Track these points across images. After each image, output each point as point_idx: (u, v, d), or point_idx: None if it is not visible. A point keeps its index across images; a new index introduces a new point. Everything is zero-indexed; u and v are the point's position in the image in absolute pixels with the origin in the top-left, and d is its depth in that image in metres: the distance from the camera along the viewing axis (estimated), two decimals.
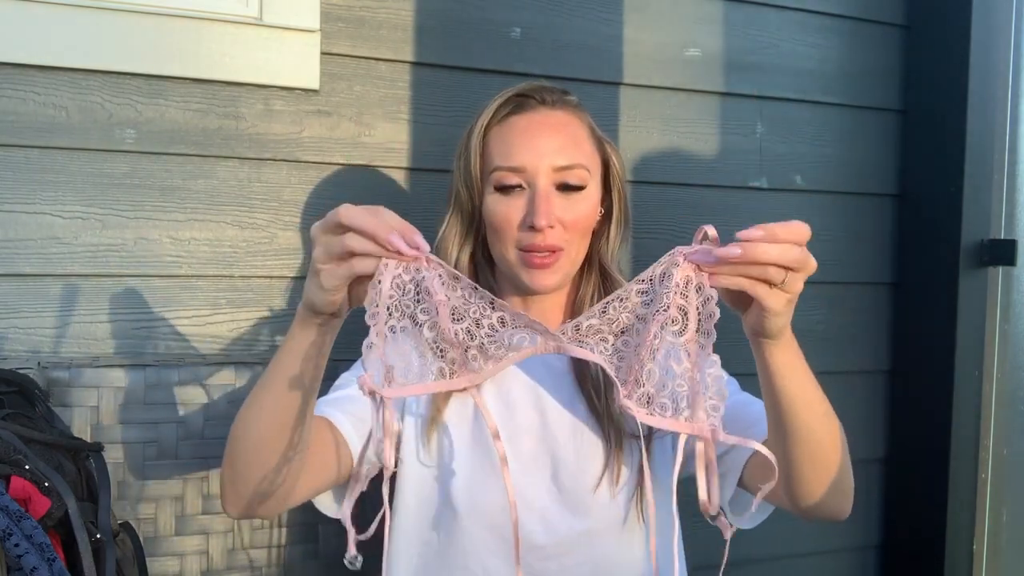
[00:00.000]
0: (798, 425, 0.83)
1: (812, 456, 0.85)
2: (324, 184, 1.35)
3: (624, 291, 0.76)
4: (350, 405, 0.98)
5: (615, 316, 0.76)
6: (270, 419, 0.84)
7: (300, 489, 0.91)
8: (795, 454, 0.85)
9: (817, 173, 1.68)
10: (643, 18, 1.54)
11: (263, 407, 0.85)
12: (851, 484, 0.91)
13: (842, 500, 0.91)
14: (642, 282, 0.76)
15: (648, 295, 0.76)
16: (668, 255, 0.75)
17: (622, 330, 0.77)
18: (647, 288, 0.76)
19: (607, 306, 0.77)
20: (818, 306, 1.68)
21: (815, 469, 0.86)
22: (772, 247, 0.72)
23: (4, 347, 1.19)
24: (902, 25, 1.72)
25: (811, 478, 0.87)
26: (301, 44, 1.30)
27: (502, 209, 1.02)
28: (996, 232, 1.64)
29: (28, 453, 0.83)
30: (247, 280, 1.31)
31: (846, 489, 0.90)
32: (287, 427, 0.84)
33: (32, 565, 0.71)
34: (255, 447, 0.85)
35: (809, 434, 0.84)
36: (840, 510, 0.92)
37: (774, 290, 0.74)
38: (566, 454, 1.03)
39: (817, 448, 0.85)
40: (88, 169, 1.23)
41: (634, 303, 0.76)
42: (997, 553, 1.67)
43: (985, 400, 1.64)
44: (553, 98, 1.05)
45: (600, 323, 0.77)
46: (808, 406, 0.83)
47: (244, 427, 0.86)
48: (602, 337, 0.77)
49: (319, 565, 1.21)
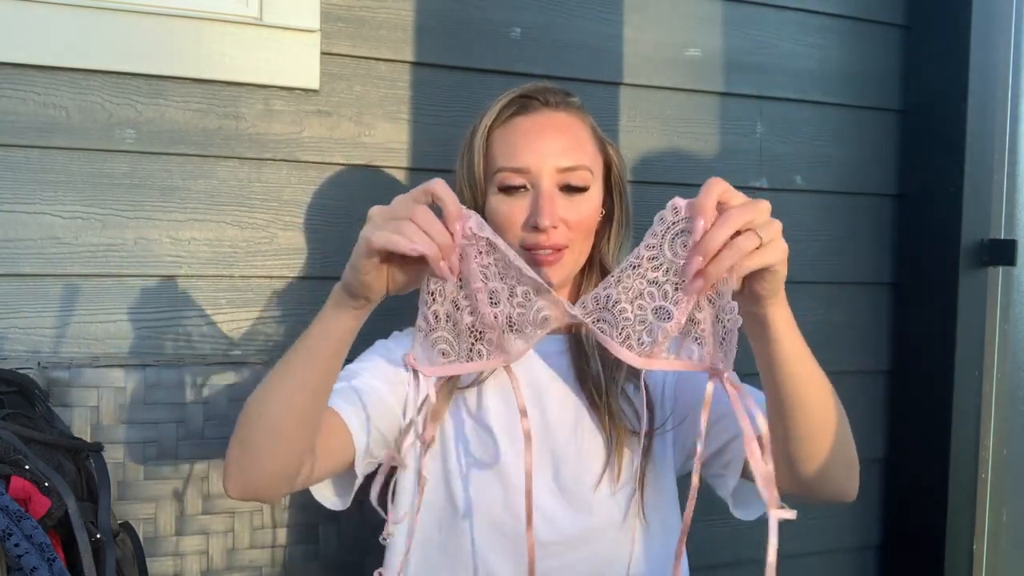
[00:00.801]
0: (799, 390, 0.82)
1: (814, 422, 0.85)
2: (324, 184, 1.35)
3: (636, 258, 0.78)
4: (355, 397, 0.99)
5: (630, 284, 0.78)
6: (288, 402, 0.85)
7: (304, 474, 0.91)
8: (798, 422, 0.84)
9: (817, 173, 1.68)
10: (643, 18, 1.54)
11: (283, 389, 0.85)
12: (854, 457, 0.90)
13: (847, 473, 0.90)
14: (651, 248, 0.77)
15: (658, 260, 0.77)
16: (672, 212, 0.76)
17: (639, 294, 0.78)
18: (656, 254, 0.77)
19: (622, 274, 0.78)
20: (818, 306, 1.68)
21: (818, 438, 0.86)
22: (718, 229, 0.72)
23: (4, 347, 1.19)
24: (902, 25, 1.72)
25: (814, 448, 0.86)
26: (301, 44, 1.30)
27: (506, 210, 1.02)
28: (996, 232, 1.64)
29: (28, 453, 0.83)
30: (247, 280, 1.31)
31: (850, 460, 0.90)
32: (305, 411, 0.85)
33: (32, 565, 0.71)
34: (270, 429, 0.85)
35: (809, 398, 0.83)
36: (847, 487, 0.91)
37: (761, 248, 0.73)
38: (567, 452, 1.04)
39: (819, 412, 0.85)
40: (88, 169, 1.23)
41: (646, 268, 0.78)
42: (997, 553, 1.67)
43: (985, 400, 1.64)
44: (556, 99, 1.06)
45: (616, 293, 0.78)
46: (807, 367, 0.82)
47: (260, 408, 0.86)
48: (620, 308, 0.78)
49: (319, 565, 1.21)
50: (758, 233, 0.72)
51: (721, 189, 0.74)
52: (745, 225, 0.73)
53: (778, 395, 0.84)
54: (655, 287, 0.77)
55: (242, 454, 0.87)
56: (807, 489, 0.90)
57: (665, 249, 0.76)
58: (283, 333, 1.33)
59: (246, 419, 0.87)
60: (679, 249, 0.75)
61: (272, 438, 0.86)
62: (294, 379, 0.85)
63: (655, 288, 0.77)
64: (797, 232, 1.67)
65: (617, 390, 1.04)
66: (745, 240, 0.72)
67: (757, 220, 0.73)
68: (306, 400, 0.85)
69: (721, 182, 0.74)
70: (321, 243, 1.35)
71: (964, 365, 1.62)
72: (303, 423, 0.86)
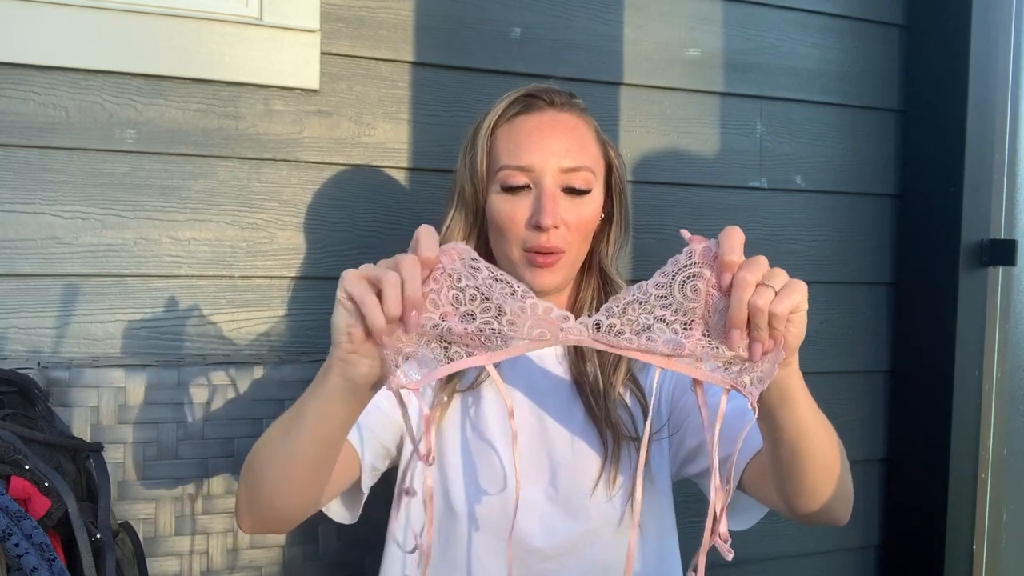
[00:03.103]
0: (809, 448, 0.82)
1: (820, 472, 0.85)
2: (324, 184, 1.35)
3: (644, 294, 0.77)
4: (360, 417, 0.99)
5: (635, 318, 0.77)
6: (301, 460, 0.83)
7: (318, 504, 0.93)
8: (805, 474, 0.85)
9: (817, 173, 1.68)
10: (643, 18, 1.54)
11: (293, 451, 0.83)
12: (851, 488, 0.91)
13: (844, 504, 0.91)
14: (661, 287, 0.77)
15: (667, 299, 0.76)
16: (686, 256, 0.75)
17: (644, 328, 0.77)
18: (666, 293, 0.77)
19: (627, 307, 0.77)
20: (818, 306, 1.68)
21: (821, 484, 0.86)
22: (738, 292, 0.72)
23: (4, 347, 1.19)
24: (902, 25, 1.73)
25: (816, 492, 0.87)
26: (301, 44, 1.30)
27: (508, 208, 1.02)
28: (996, 232, 1.64)
29: (28, 453, 0.83)
30: (247, 280, 1.31)
31: (847, 493, 0.90)
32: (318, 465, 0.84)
33: (32, 565, 0.71)
34: (281, 480, 0.85)
35: (817, 452, 0.83)
36: (841, 515, 0.92)
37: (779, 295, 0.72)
38: (564, 457, 1.04)
39: (824, 463, 0.85)
40: (88, 169, 1.23)
41: (653, 306, 0.77)
42: (997, 553, 1.67)
43: (985, 400, 1.64)
44: (561, 100, 1.06)
45: (621, 323, 0.77)
46: (816, 423, 0.82)
47: (269, 460, 0.85)
48: (625, 337, 0.78)
49: (319, 565, 1.21)
50: (768, 284, 0.72)
51: (740, 240, 0.73)
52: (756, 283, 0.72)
53: (783, 452, 0.84)
54: (663, 324, 0.77)
55: (251, 497, 0.88)
56: (801, 519, 0.92)
57: (675, 291, 0.76)
58: (283, 333, 1.33)
59: (255, 468, 0.86)
60: (689, 292, 0.75)
61: (282, 487, 0.85)
62: (306, 445, 0.82)
63: (664, 325, 0.77)
64: (797, 232, 1.67)
65: (614, 395, 1.04)
66: (760, 297, 0.72)
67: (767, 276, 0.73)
68: (319, 451, 0.83)
69: (738, 233, 0.73)
70: (321, 243, 1.35)
71: (964, 365, 1.62)
72: (313, 474, 0.85)
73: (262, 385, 1.17)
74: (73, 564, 0.82)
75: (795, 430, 0.81)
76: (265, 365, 1.19)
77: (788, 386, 0.78)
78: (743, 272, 0.72)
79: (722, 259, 0.73)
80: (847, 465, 0.89)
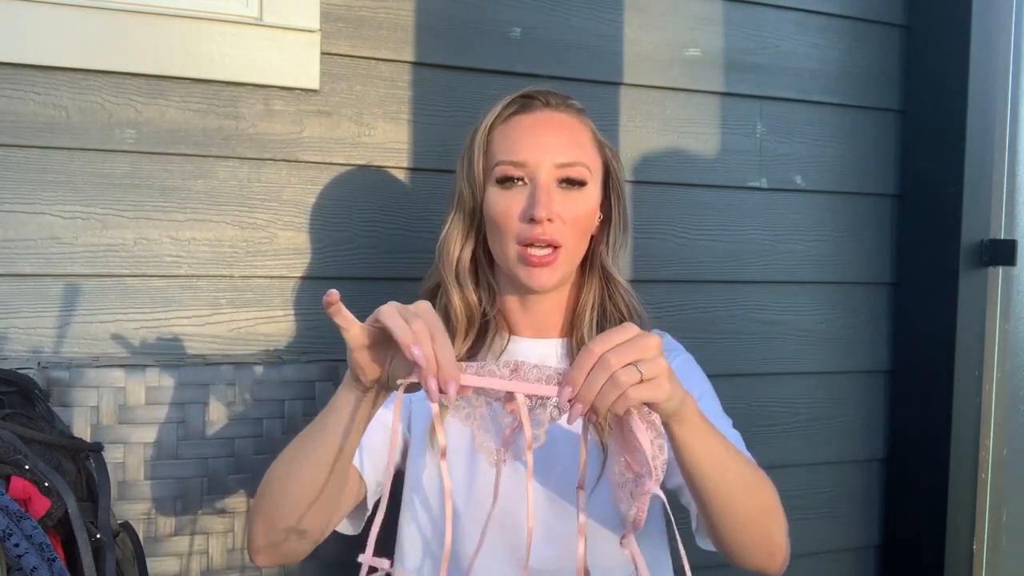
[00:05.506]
0: (712, 489, 0.85)
1: (728, 515, 0.88)
2: (324, 184, 1.35)
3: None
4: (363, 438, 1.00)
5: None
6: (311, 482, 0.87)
7: (331, 524, 0.96)
8: (713, 512, 0.88)
9: (817, 173, 1.68)
10: (643, 18, 1.54)
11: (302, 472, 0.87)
12: (780, 544, 0.93)
13: (768, 559, 0.93)
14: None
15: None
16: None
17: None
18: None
19: None
20: (818, 306, 1.68)
21: (732, 527, 0.89)
22: (596, 371, 0.74)
23: (4, 347, 1.19)
24: (902, 25, 1.72)
25: (729, 534, 0.90)
26: (301, 44, 1.30)
27: (503, 203, 1.02)
28: (996, 232, 1.63)
29: (28, 453, 0.83)
30: (247, 280, 1.31)
31: (771, 549, 0.92)
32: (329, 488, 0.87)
33: (32, 565, 0.71)
34: (295, 505, 0.88)
35: (721, 495, 0.86)
36: (764, 566, 0.93)
37: (643, 383, 0.74)
38: (564, 460, 1.04)
39: (734, 506, 0.87)
40: (88, 169, 1.23)
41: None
42: (997, 553, 1.66)
43: (985, 400, 1.64)
44: (557, 100, 1.07)
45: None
46: (719, 471, 0.85)
47: (281, 488, 0.88)
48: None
49: (319, 565, 1.21)
50: (639, 368, 0.74)
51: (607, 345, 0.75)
52: (621, 362, 0.73)
53: (693, 489, 0.88)
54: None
55: (268, 527, 0.90)
56: (728, 559, 0.94)
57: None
58: (283, 333, 1.33)
59: (269, 496, 0.90)
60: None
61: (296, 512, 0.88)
62: (310, 458, 0.86)
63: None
64: (797, 232, 1.67)
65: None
66: (625, 374, 0.73)
67: (644, 357, 0.74)
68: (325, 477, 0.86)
69: (596, 349, 0.75)
70: (321, 243, 1.35)
71: (964, 365, 1.62)
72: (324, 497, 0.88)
73: (262, 385, 1.17)
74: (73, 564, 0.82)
75: (698, 472, 0.84)
76: (265, 365, 1.18)
77: (678, 437, 0.82)
78: (616, 349, 0.74)
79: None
80: (775, 518, 0.91)
